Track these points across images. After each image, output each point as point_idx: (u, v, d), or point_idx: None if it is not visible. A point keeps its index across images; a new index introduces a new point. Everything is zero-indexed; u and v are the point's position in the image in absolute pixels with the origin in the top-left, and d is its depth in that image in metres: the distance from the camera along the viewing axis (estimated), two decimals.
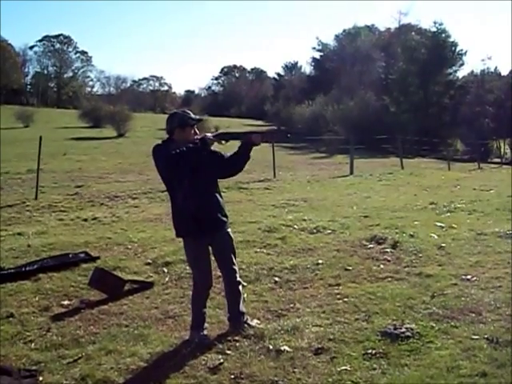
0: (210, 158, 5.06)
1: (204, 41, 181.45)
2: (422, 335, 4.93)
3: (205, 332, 5.14)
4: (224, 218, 5.21)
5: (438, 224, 9.91)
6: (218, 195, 5.20)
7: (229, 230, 5.30)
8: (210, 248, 5.23)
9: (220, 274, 5.53)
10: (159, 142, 5.20)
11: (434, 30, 53.61)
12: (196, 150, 4.93)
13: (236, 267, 5.37)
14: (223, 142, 5.19)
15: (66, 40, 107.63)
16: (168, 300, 6.35)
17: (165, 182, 5.17)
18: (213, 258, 5.30)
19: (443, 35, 53.09)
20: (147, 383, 4.29)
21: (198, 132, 5.15)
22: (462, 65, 54.81)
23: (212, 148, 5.11)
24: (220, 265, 5.34)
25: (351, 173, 22.03)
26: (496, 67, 59.12)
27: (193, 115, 5.18)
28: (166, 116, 5.27)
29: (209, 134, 5.16)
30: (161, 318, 5.80)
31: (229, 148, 5.22)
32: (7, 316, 5.87)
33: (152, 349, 4.94)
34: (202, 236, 5.10)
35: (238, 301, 5.34)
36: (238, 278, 5.39)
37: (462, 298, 5.88)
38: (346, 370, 4.37)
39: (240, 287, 5.41)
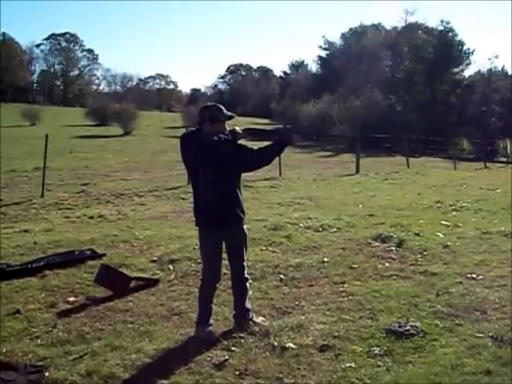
0: (237, 151, 5.08)
1: (210, 39, 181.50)
2: (427, 333, 4.94)
3: (210, 328, 5.16)
4: (241, 214, 5.25)
5: (444, 223, 9.92)
6: (238, 190, 5.23)
7: (244, 226, 5.33)
8: (224, 243, 5.26)
9: (226, 271, 5.55)
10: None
11: (441, 28, 53.41)
12: (224, 141, 4.98)
13: (245, 264, 5.39)
14: (249, 137, 5.23)
15: (73, 38, 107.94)
16: (173, 297, 6.37)
17: (189, 171, 5.24)
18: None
19: (450, 34, 52.90)
20: (152, 379, 4.30)
21: (227, 128, 5.19)
22: (469, 64, 54.56)
23: (239, 141, 5.15)
24: (231, 260, 5.36)
25: (357, 171, 22.00)
26: (503, 66, 58.92)
27: (225, 111, 5.20)
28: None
29: (237, 128, 5.19)
30: (166, 314, 5.82)
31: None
32: (13, 312, 5.90)
33: (157, 345, 4.96)
34: (219, 228, 5.13)
35: (245, 297, 5.36)
36: (246, 275, 5.42)
37: (467, 297, 5.89)
38: (350, 367, 4.38)
39: (247, 284, 5.44)
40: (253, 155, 5.18)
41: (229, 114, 5.25)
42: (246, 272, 5.41)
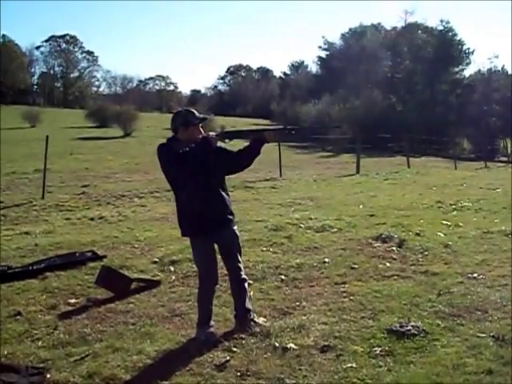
0: (216, 156, 5.04)
1: (210, 40, 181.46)
2: (428, 333, 4.94)
3: (211, 329, 5.15)
4: (230, 216, 5.22)
5: (445, 222, 9.92)
6: (223, 193, 5.19)
7: (235, 227, 5.31)
8: (216, 246, 5.25)
9: (226, 272, 5.55)
10: (164, 141, 5.22)
11: (441, 28, 53.53)
12: (199, 148, 4.94)
13: (241, 265, 5.38)
14: (227, 140, 5.20)
15: (72, 40, 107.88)
16: (174, 298, 6.37)
17: (169, 181, 5.18)
18: (219, 256, 5.32)
19: (450, 34, 52.98)
20: (154, 381, 4.30)
21: (202, 131, 5.16)
22: (469, 63, 54.71)
23: (218, 144, 5.12)
24: (226, 262, 5.36)
25: (357, 172, 22.01)
26: (503, 66, 59.01)
27: (197, 114, 5.18)
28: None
29: (212, 133, 5.17)
30: (167, 316, 5.81)
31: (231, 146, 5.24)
32: (15, 314, 5.90)
33: (159, 346, 4.96)
34: (208, 235, 5.12)
35: (244, 298, 5.35)
36: (244, 276, 5.40)
37: (468, 296, 5.88)
38: (351, 367, 4.38)
39: (246, 284, 5.42)
40: (232, 159, 5.15)
41: (201, 116, 5.24)
42: (243, 272, 5.39)
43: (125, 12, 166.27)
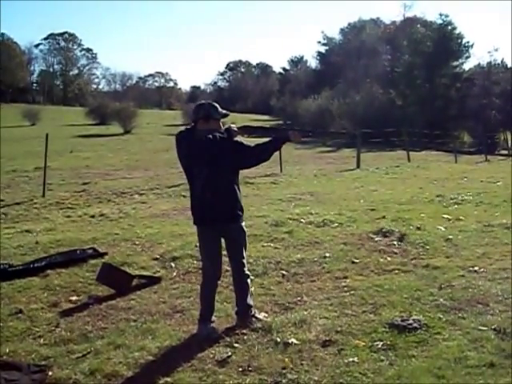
0: (233, 148, 5.05)
1: (209, 37, 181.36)
2: (430, 327, 4.94)
3: (213, 325, 5.16)
4: (239, 212, 5.23)
5: (445, 216, 9.91)
6: (236, 187, 5.21)
7: (243, 223, 5.32)
8: (223, 240, 5.26)
9: (228, 268, 5.55)
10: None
11: (440, 22, 53.35)
12: (219, 139, 4.95)
13: (245, 261, 5.39)
14: (245, 135, 5.21)
15: (71, 38, 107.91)
16: (176, 295, 6.37)
17: (184, 170, 5.18)
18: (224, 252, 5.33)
19: (449, 27, 52.80)
20: (156, 377, 4.31)
21: (222, 126, 5.17)
22: (469, 57, 54.47)
23: (236, 138, 5.13)
24: (230, 257, 5.36)
25: (358, 166, 21.99)
26: (503, 59, 58.86)
27: (220, 109, 5.18)
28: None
29: (233, 126, 5.17)
30: (169, 312, 5.81)
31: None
32: (16, 312, 5.90)
33: (160, 343, 4.96)
34: (217, 226, 5.13)
35: (246, 294, 5.35)
36: (247, 272, 5.41)
37: (470, 290, 5.88)
38: (353, 361, 4.38)
39: (248, 280, 5.42)
40: (250, 152, 5.14)
41: (223, 111, 5.23)
42: (246, 269, 5.40)
43: (123, 9, 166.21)
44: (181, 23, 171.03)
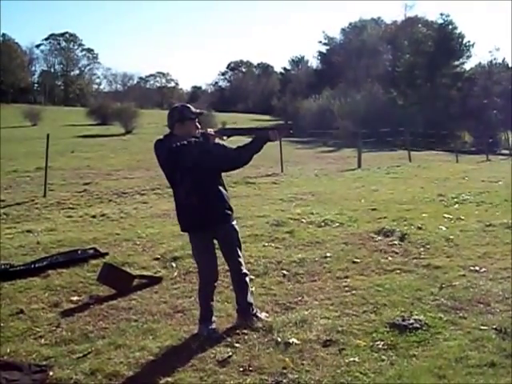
0: (213, 152, 4.99)
1: (210, 37, 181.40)
2: (431, 326, 4.93)
3: (213, 326, 5.15)
4: (228, 211, 5.18)
5: (446, 216, 9.91)
6: (221, 188, 5.16)
7: (233, 222, 5.28)
8: (216, 241, 5.25)
9: (227, 267, 5.55)
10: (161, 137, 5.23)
11: (441, 21, 53.39)
12: (196, 144, 4.92)
13: (242, 259, 5.37)
14: (225, 137, 5.18)
15: (72, 38, 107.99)
16: (176, 294, 6.36)
17: (167, 177, 5.17)
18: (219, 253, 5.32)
19: (450, 27, 52.83)
20: (156, 377, 4.30)
21: (199, 126, 5.14)
22: (470, 56, 54.53)
23: (216, 141, 5.11)
24: (226, 257, 5.35)
25: (359, 166, 22.00)
26: (504, 58, 58.68)
27: (193, 109, 5.15)
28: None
29: (210, 130, 5.15)
30: (169, 312, 5.81)
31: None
32: (17, 312, 5.90)
33: (161, 343, 4.96)
34: (206, 230, 5.11)
35: (246, 292, 5.35)
36: (245, 270, 5.39)
37: (471, 289, 5.88)
38: (354, 361, 4.37)
39: (247, 279, 5.41)
40: (230, 154, 5.01)
41: (197, 110, 5.20)
42: (243, 267, 5.37)
43: (125, 9, 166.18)
44: (182, 23, 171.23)
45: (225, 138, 5.18)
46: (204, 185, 5.02)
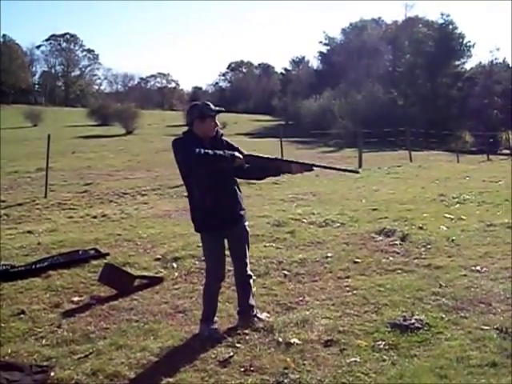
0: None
1: (211, 37, 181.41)
2: (432, 326, 4.93)
3: (215, 326, 5.15)
4: (242, 212, 5.23)
5: (447, 216, 9.90)
6: (236, 189, 5.21)
7: (246, 223, 5.32)
8: (226, 240, 5.26)
9: (230, 268, 5.54)
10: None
11: (441, 21, 53.32)
12: (221, 142, 5.03)
13: (248, 260, 5.38)
14: (247, 164, 5.15)
15: (73, 39, 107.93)
16: (177, 295, 6.36)
17: (183, 177, 5.15)
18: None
19: (450, 27, 52.77)
20: (158, 377, 4.30)
21: (218, 123, 5.15)
22: (470, 56, 54.44)
23: (230, 142, 5.15)
24: (233, 257, 5.34)
25: (360, 166, 21.97)
26: (504, 58, 58.65)
27: (213, 106, 5.16)
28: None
29: (238, 154, 5.04)
30: (171, 312, 5.81)
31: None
32: (18, 313, 5.90)
33: (162, 343, 4.96)
34: (221, 230, 5.12)
35: (248, 294, 5.35)
36: (249, 272, 5.41)
37: (472, 289, 5.88)
38: (355, 361, 4.37)
39: (251, 281, 5.42)
40: (248, 171, 5.15)
41: (217, 108, 5.19)
42: (248, 268, 5.39)
43: (125, 10, 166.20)
44: (182, 24, 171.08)
45: (247, 165, 5.16)
46: (223, 186, 5.06)
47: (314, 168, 5.31)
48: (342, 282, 6.50)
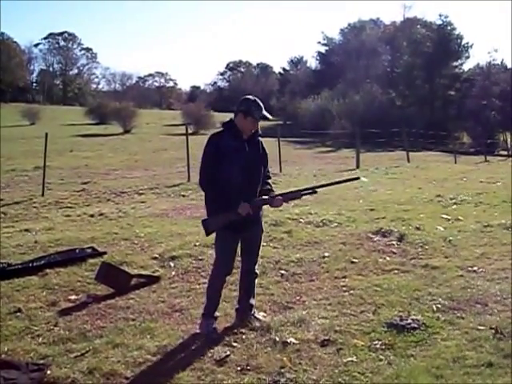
0: (266, 167, 5.35)
1: (209, 36, 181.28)
2: (428, 326, 4.95)
3: (214, 325, 5.15)
4: (261, 213, 5.29)
5: (444, 216, 9.91)
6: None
7: (263, 222, 5.37)
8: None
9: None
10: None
11: (440, 22, 53.48)
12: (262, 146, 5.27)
13: (258, 259, 5.44)
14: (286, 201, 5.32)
15: (71, 37, 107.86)
16: (174, 294, 6.36)
17: (215, 170, 5.00)
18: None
19: (448, 28, 52.93)
20: (154, 376, 4.31)
21: (258, 127, 5.14)
22: (468, 57, 54.72)
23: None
24: (245, 256, 5.34)
25: (357, 166, 21.99)
26: (502, 59, 58.79)
27: (263, 111, 5.10)
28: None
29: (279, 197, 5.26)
30: (167, 311, 5.81)
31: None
32: (15, 311, 5.88)
33: (159, 342, 4.95)
34: (244, 229, 5.11)
35: (250, 294, 5.38)
36: (257, 271, 5.43)
37: (468, 290, 5.89)
38: (352, 361, 4.38)
39: (256, 281, 5.45)
40: (268, 180, 5.38)
41: (264, 114, 5.11)
42: (257, 267, 5.42)
43: (123, 9, 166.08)
44: (181, 23, 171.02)
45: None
46: (255, 185, 5.13)
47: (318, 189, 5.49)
48: (338, 281, 6.51)
